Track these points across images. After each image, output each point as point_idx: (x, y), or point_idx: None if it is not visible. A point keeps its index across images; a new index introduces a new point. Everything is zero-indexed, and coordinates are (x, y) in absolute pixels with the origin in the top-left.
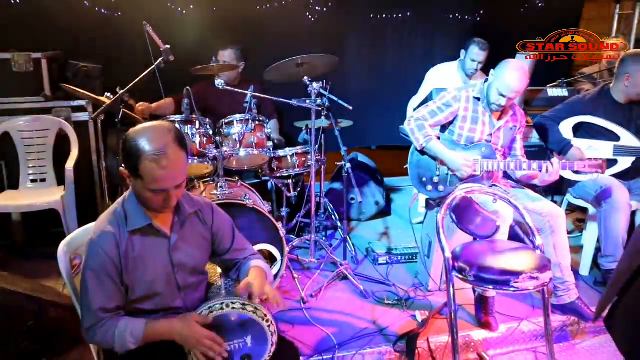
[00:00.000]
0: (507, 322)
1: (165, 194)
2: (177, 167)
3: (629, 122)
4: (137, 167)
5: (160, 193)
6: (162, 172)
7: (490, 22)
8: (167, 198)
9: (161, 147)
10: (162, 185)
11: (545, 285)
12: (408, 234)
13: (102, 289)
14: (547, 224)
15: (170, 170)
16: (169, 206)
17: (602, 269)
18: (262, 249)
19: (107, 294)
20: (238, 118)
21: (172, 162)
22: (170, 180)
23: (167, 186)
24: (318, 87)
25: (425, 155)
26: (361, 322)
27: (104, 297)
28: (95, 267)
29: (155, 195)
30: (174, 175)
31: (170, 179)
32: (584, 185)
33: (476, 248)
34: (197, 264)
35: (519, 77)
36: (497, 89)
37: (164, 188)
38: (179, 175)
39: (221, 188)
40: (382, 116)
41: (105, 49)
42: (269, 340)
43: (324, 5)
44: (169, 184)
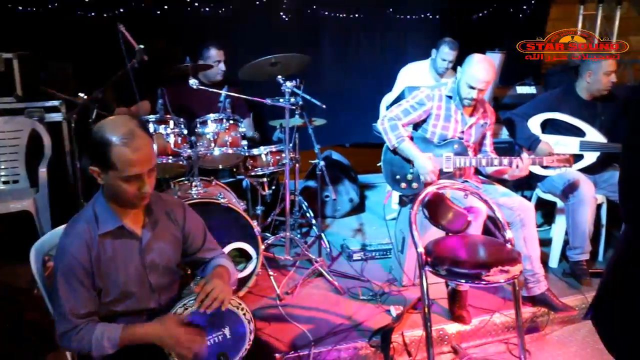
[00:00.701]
0: (479, 315)
1: (139, 181)
2: (147, 149)
3: (593, 119)
4: (107, 157)
5: (134, 181)
6: (134, 155)
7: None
8: (141, 185)
9: (128, 132)
10: (137, 169)
11: (516, 278)
12: (382, 230)
13: (73, 294)
14: (517, 217)
15: (142, 152)
16: (144, 196)
17: (570, 261)
18: (238, 247)
19: (79, 299)
20: (212, 117)
21: (142, 144)
22: (143, 162)
23: (141, 169)
24: (291, 86)
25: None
26: (336, 318)
27: (76, 302)
28: (65, 272)
29: (130, 185)
30: (146, 157)
31: (143, 161)
32: (552, 179)
33: (448, 243)
34: (169, 264)
35: (484, 67)
36: (466, 83)
37: (139, 172)
38: (150, 157)
39: (196, 187)
40: (356, 114)
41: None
42: (247, 328)
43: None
44: (143, 166)
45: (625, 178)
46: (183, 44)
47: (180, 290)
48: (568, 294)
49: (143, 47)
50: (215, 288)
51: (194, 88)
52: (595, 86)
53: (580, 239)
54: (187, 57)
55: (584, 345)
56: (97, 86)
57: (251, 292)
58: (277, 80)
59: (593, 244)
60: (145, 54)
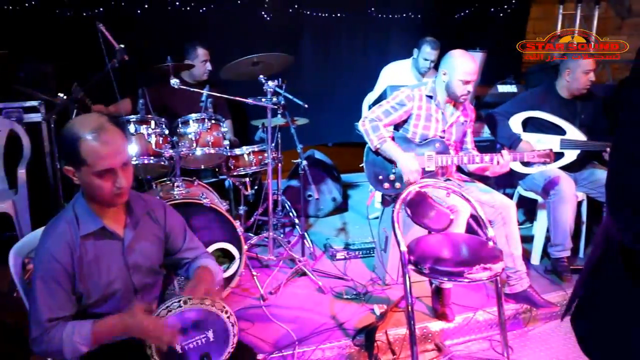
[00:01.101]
0: (462, 313)
1: (113, 176)
2: (118, 142)
3: (573, 117)
4: (78, 153)
5: (108, 176)
6: (104, 148)
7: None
8: (116, 180)
9: (96, 126)
10: (108, 162)
11: (498, 275)
12: (365, 229)
13: (51, 298)
14: (498, 215)
15: (112, 145)
16: (121, 192)
17: (552, 258)
18: (221, 247)
19: (57, 303)
20: (194, 117)
21: (111, 136)
22: (114, 155)
23: (113, 163)
24: (273, 86)
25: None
26: (320, 318)
27: (54, 306)
28: (45, 275)
29: (104, 181)
30: (117, 149)
31: (114, 153)
32: (533, 177)
33: (431, 241)
34: (152, 264)
35: (468, 59)
36: (458, 80)
37: (110, 166)
38: (121, 150)
39: (178, 188)
40: (338, 113)
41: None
42: (231, 331)
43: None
44: (114, 159)
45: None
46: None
47: (163, 290)
48: (550, 291)
49: (123, 46)
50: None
51: (175, 88)
52: (574, 85)
53: (562, 236)
54: (168, 57)
55: (566, 341)
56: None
57: (234, 292)
58: (259, 79)
59: (574, 241)
60: (125, 53)
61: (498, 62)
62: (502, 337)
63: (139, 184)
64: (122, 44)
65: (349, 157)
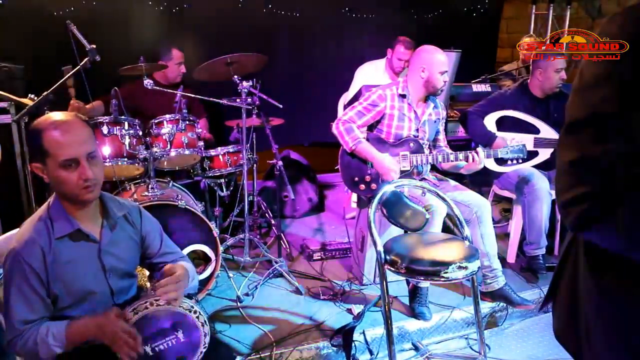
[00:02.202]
0: (440, 312)
1: (78, 168)
2: (80, 132)
3: (547, 116)
4: (40, 145)
5: (73, 167)
6: (65, 137)
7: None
8: (82, 173)
9: (59, 118)
10: (70, 151)
11: (474, 274)
12: (341, 229)
13: (24, 302)
14: (474, 214)
15: (73, 135)
16: (89, 185)
17: (527, 256)
18: (196, 249)
19: (30, 306)
20: (168, 118)
21: (73, 127)
22: (75, 144)
23: (75, 152)
24: (248, 86)
25: (355, 156)
26: (298, 318)
27: (26, 309)
28: (17, 279)
29: (69, 172)
30: (79, 138)
31: (76, 142)
32: (508, 176)
33: (407, 241)
34: (128, 267)
35: (440, 51)
36: (436, 73)
37: (73, 155)
38: (84, 140)
39: (152, 189)
40: (313, 114)
41: (28, 48)
42: (201, 331)
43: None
44: (77, 149)
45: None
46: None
47: (138, 293)
48: (526, 289)
49: (95, 47)
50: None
51: (149, 88)
52: (546, 84)
53: (536, 234)
54: (141, 57)
55: (542, 338)
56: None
57: (210, 294)
58: (234, 80)
59: (549, 239)
60: (97, 54)
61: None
62: (479, 336)
63: (112, 186)
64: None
65: (325, 157)
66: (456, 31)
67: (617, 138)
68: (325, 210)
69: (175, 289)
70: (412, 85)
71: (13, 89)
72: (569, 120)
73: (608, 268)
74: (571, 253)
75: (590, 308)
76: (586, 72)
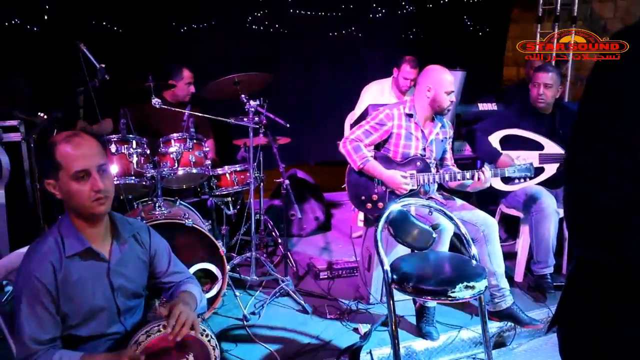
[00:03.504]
0: (447, 331)
1: (90, 180)
2: (91, 145)
3: (552, 132)
4: (53, 159)
5: (84, 179)
6: (77, 149)
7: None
8: (94, 184)
9: (71, 134)
10: (82, 163)
11: (482, 294)
12: (348, 248)
13: (35, 320)
14: (481, 233)
15: (85, 147)
16: (100, 197)
17: (535, 275)
18: (203, 267)
19: (41, 324)
20: (176, 137)
21: (85, 141)
22: (87, 156)
23: (87, 164)
24: (255, 105)
25: (362, 175)
26: (304, 338)
27: (37, 328)
28: (28, 297)
29: (81, 184)
30: (90, 151)
31: (87, 155)
32: (515, 194)
33: (414, 260)
34: (136, 287)
35: (447, 71)
36: (442, 93)
37: (85, 167)
38: (95, 153)
39: (160, 208)
40: (320, 132)
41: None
42: (212, 355)
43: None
44: (88, 161)
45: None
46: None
47: (145, 313)
48: (534, 308)
49: (104, 65)
50: (182, 313)
51: (157, 107)
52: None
53: (544, 253)
54: (149, 76)
55: (550, 358)
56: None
57: (217, 313)
58: (241, 99)
59: (557, 258)
60: (106, 73)
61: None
62: (487, 356)
63: (120, 204)
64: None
65: (332, 176)
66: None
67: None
68: (332, 229)
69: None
70: (419, 104)
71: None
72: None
73: (613, 287)
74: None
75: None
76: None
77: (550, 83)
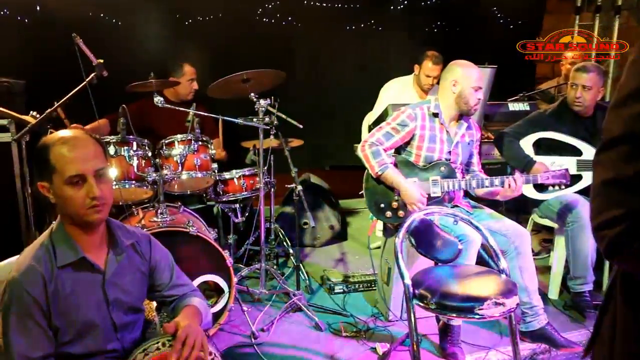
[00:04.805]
0: (473, 352)
1: (85, 185)
2: (88, 148)
3: (592, 136)
4: (47, 162)
5: (79, 184)
6: (72, 152)
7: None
8: (90, 191)
9: (67, 134)
10: (77, 167)
11: (512, 311)
12: (366, 260)
13: (26, 336)
14: (511, 245)
15: (81, 150)
16: (96, 204)
17: (572, 292)
18: (208, 280)
19: (32, 341)
20: (179, 138)
21: (81, 142)
22: (83, 160)
23: (83, 168)
24: (265, 105)
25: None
26: (317, 357)
27: (29, 345)
28: (17, 311)
29: (75, 190)
30: (87, 154)
31: (83, 158)
32: (549, 203)
33: (438, 273)
34: (134, 301)
35: (472, 64)
36: (469, 88)
37: (80, 171)
38: (92, 156)
39: (162, 215)
40: (336, 135)
41: (30, 63)
42: None
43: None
44: (84, 165)
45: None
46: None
47: (145, 329)
48: (570, 329)
49: (102, 61)
50: (190, 335)
51: (159, 106)
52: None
53: (582, 268)
54: (151, 73)
55: None
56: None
57: (223, 330)
58: (250, 97)
59: (597, 273)
60: (104, 69)
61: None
62: None
63: (119, 210)
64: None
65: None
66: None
67: None
68: (348, 238)
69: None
70: (443, 102)
71: (13, 106)
72: (604, 138)
73: None
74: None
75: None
76: (623, 87)
77: (590, 85)
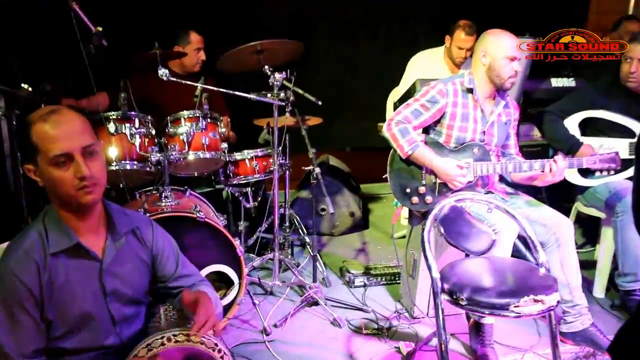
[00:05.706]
0: (507, 355)
1: (73, 165)
2: (73, 123)
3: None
4: (30, 141)
5: (66, 164)
6: (55, 129)
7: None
8: (77, 170)
9: (49, 110)
10: (61, 145)
11: (552, 310)
12: (389, 250)
13: (16, 328)
14: (552, 236)
15: (65, 126)
16: (86, 185)
17: (620, 290)
18: (216, 270)
19: (23, 334)
20: (186, 115)
21: (65, 118)
22: (68, 137)
23: (68, 146)
24: (281, 78)
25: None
26: (335, 356)
27: (19, 338)
28: (7, 301)
29: (62, 170)
30: (71, 130)
31: (68, 135)
32: (595, 190)
33: (469, 266)
34: (134, 292)
35: (506, 32)
36: (503, 58)
37: (65, 150)
38: (78, 133)
39: (166, 199)
40: (357, 112)
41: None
42: None
43: None
44: (69, 142)
45: None
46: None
47: (147, 322)
48: None
49: (101, 29)
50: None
51: (164, 80)
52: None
53: (632, 263)
54: (155, 43)
55: None
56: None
57: (232, 325)
58: (264, 71)
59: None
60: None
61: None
62: None
63: (119, 194)
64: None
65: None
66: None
67: None
68: (370, 227)
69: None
70: (477, 77)
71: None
72: None
73: None
74: None
75: None
76: None
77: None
